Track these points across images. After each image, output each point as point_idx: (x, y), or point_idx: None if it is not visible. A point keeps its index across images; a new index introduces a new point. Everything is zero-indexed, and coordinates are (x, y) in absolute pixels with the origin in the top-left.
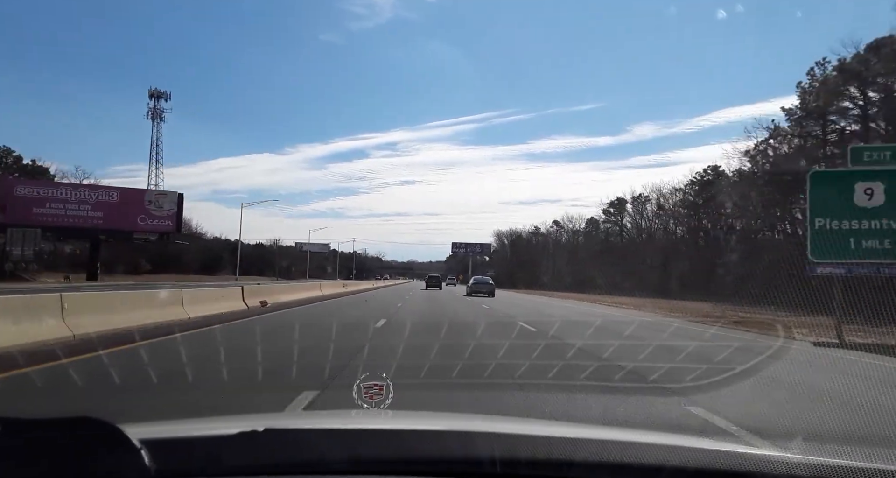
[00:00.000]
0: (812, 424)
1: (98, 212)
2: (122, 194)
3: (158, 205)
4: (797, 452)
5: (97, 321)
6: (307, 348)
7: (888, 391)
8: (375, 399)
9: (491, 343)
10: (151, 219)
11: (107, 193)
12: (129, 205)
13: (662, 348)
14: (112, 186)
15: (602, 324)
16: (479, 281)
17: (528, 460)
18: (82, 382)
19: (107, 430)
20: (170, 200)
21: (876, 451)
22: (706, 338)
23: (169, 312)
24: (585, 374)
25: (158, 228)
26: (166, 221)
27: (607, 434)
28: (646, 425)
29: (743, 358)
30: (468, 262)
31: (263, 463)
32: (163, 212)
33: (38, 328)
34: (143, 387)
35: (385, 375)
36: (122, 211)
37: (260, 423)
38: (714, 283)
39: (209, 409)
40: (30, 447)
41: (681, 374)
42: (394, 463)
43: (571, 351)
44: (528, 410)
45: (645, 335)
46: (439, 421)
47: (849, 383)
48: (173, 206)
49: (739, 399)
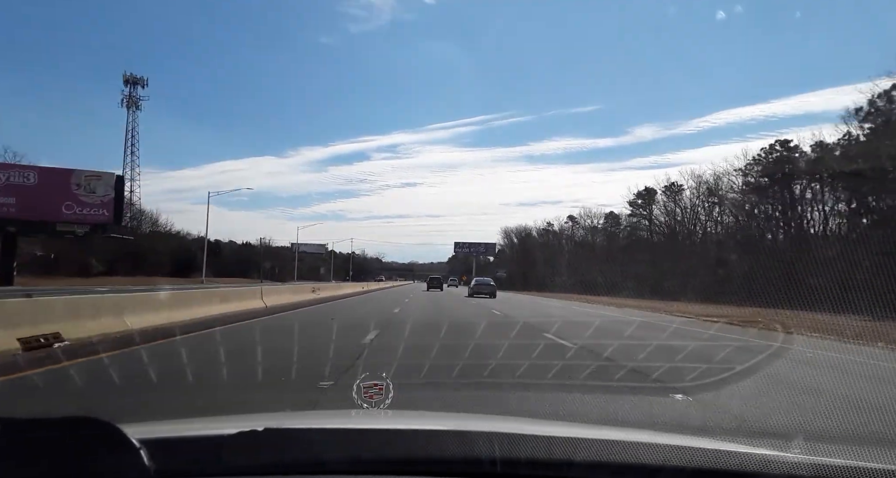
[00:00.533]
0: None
1: (9, 197)
2: (43, 175)
3: (90, 189)
4: (798, 452)
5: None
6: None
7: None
8: (375, 399)
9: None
10: (81, 207)
11: (21, 173)
12: (51, 189)
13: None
14: (29, 166)
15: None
16: (480, 282)
17: (528, 460)
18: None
19: (107, 430)
20: (105, 183)
21: (876, 451)
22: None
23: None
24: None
25: (90, 219)
26: (100, 210)
27: (607, 434)
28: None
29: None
30: (472, 262)
31: (263, 463)
32: (96, 198)
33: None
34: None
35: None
36: (41, 196)
37: (260, 423)
38: (795, 286)
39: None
40: (30, 447)
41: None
42: (394, 463)
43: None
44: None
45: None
46: (439, 421)
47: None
48: (109, 190)
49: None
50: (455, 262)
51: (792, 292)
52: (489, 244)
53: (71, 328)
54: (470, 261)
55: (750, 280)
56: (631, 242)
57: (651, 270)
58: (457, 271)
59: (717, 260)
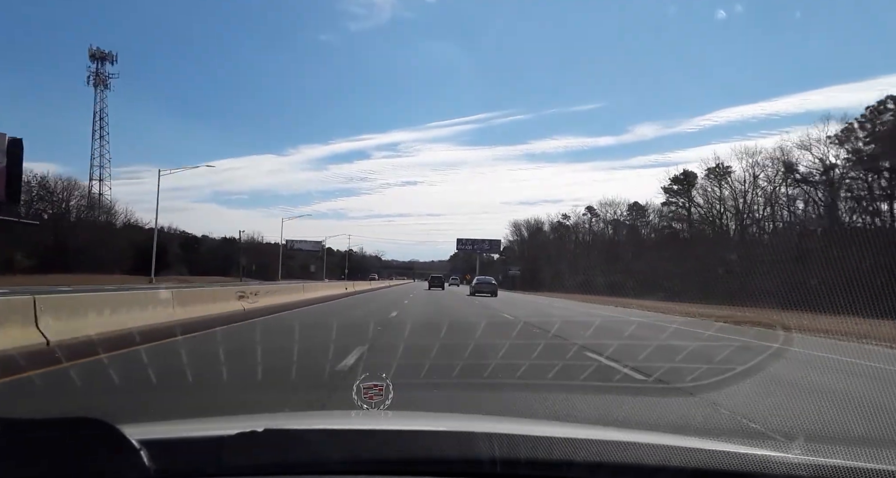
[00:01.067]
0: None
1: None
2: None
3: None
4: (798, 452)
5: None
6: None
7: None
8: (375, 400)
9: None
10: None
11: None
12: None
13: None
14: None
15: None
16: (481, 281)
17: (528, 461)
18: None
19: (106, 430)
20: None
21: (876, 451)
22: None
23: None
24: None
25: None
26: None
27: (607, 434)
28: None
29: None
30: (475, 260)
31: (263, 463)
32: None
33: None
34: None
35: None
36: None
37: (259, 423)
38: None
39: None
40: (30, 447)
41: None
42: (393, 463)
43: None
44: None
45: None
46: (439, 421)
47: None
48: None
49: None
50: (457, 260)
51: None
52: (493, 241)
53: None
54: (473, 258)
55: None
56: (666, 235)
57: (698, 267)
58: (459, 270)
59: (798, 254)
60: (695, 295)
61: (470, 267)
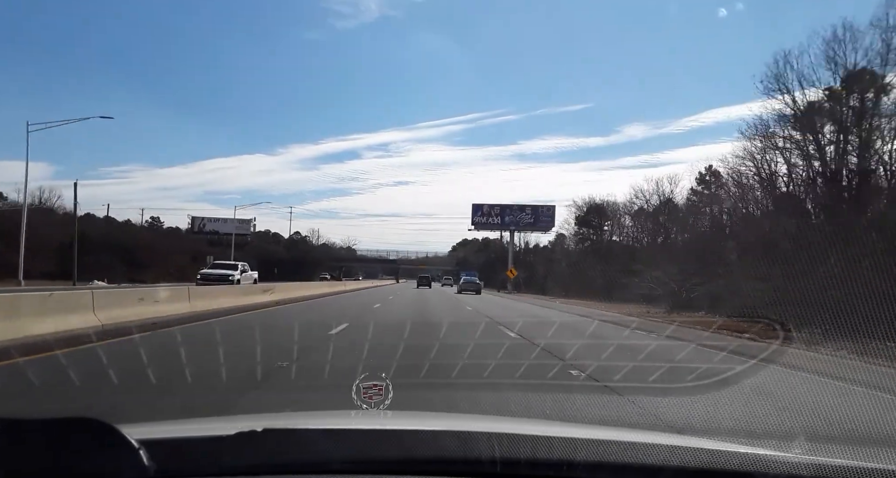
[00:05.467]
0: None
1: None
2: None
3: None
4: (798, 452)
5: None
6: None
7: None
8: (374, 400)
9: None
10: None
11: None
12: None
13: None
14: None
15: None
16: (467, 280)
17: (528, 460)
18: None
19: (106, 430)
20: None
21: (876, 451)
22: None
23: None
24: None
25: None
26: None
27: (607, 434)
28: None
29: None
30: (506, 252)
31: (262, 463)
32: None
33: None
34: None
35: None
36: None
37: (259, 423)
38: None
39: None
40: (29, 447)
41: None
42: (393, 463)
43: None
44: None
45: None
46: (439, 421)
47: None
48: None
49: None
50: (466, 250)
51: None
52: (545, 207)
53: None
54: (494, 249)
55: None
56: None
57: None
58: (468, 264)
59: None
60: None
61: (494, 260)
